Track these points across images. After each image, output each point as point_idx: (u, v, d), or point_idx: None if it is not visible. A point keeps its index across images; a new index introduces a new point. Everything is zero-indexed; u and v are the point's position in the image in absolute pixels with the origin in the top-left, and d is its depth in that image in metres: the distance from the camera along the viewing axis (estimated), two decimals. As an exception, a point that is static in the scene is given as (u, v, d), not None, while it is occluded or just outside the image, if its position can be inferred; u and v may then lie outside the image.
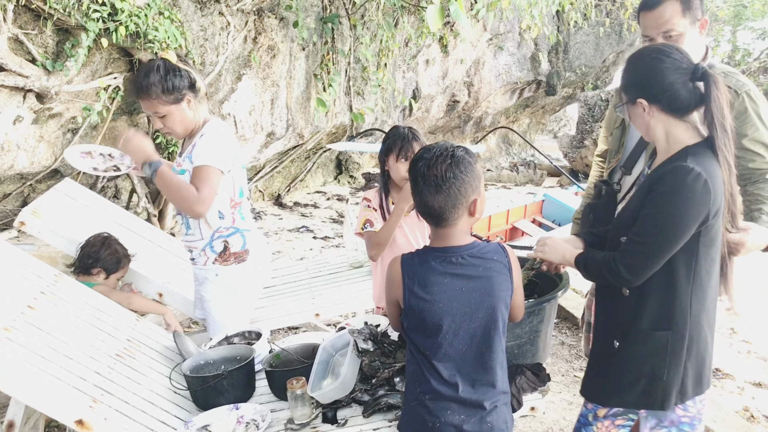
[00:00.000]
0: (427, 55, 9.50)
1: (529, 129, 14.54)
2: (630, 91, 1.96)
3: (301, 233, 7.70)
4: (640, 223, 1.91)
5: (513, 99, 12.38)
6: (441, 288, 1.78)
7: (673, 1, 2.40)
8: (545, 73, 12.23)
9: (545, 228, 7.77)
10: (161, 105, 2.61)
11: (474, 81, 10.87)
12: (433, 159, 1.77)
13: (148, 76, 2.60)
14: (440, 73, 9.97)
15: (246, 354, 2.41)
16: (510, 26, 10.77)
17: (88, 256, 3.11)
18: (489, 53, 10.90)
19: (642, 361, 1.98)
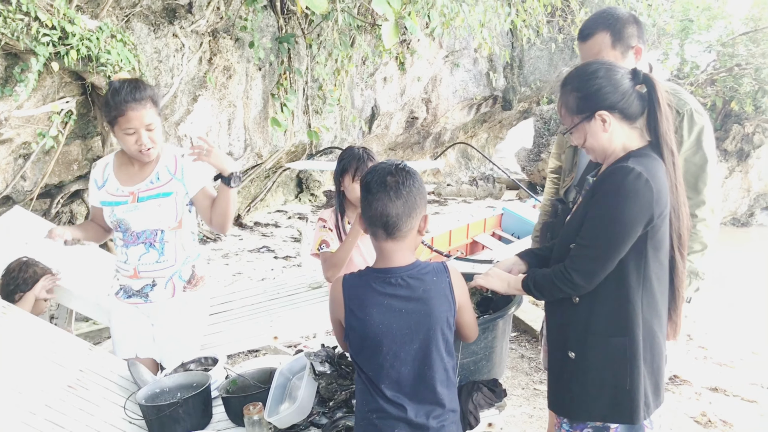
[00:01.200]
0: (384, 73, 9.58)
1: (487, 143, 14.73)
2: (586, 107, 1.95)
3: (262, 253, 7.65)
4: (586, 227, 1.93)
5: (470, 114, 12.54)
6: (380, 309, 1.79)
7: (603, 34, 2.48)
8: (501, 88, 12.43)
9: (505, 241, 7.86)
10: (154, 114, 2.57)
11: (432, 97, 10.99)
12: (389, 168, 1.82)
13: (141, 88, 2.55)
14: (398, 91, 10.05)
15: (202, 381, 2.38)
16: (465, 43, 10.93)
17: (8, 282, 3.06)
18: (445, 70, 11.04)
19: (601, 370, 1.98)
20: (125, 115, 2.51)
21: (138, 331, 2.82)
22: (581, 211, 2.00)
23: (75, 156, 5.47)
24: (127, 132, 2.54)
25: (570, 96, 1.98)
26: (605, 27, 2.48)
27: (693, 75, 12.81)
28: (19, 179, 4.98)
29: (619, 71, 1.96)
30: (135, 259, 2.71)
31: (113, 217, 2.67)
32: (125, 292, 2.78)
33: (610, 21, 2.48)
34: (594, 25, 2.51)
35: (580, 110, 1.96)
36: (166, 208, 2.70)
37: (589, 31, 2.52)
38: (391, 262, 1.83)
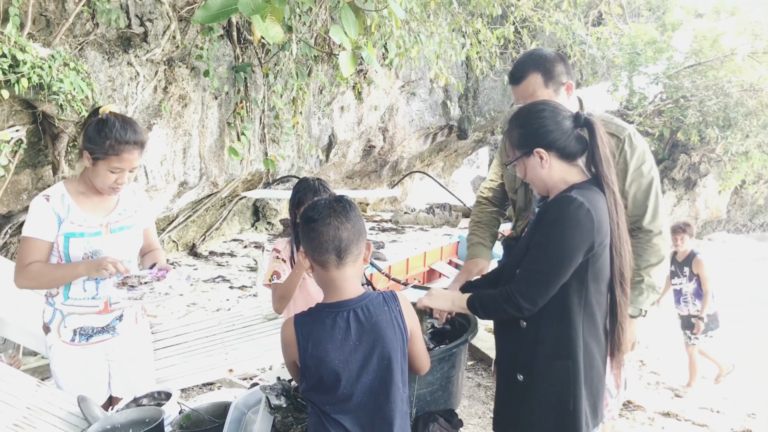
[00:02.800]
0: (341, 102, 9.64)
1: (443, 172, 14.90)
2: (526, 143, 2.07)
3: (217, 283, 7.56)
4: (531, 252, 2.01)
5: (427, 143, 12.69)
6: (335, 345, 1.80)
7: (534, 75, 2.58)
8: (456, 118, 12.63)
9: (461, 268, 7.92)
10: (140, 157, 2.56)
11: (389, 126, 11.10)
12: (331, 199, 1.86)
13: (139, 132, 2.54)
14: (355, 120, 10.12)
15: (155, 416, 2.34)
16: (421, 74, 11.10)
17: None
18: (402, 100, 11.17)
19: (547, 393, 2.06)
20: (119, 156, 2.48)
21: (93, 379, 2.72)
22: (527, 237, 2.08)
23: (24, 185, 5.34)
24: (113, 170, 2.51)
25: (514, 131, 2.09)
26: (535, 68, 2.57)
27: (641, 106, 13.24)
28: (-36, 209, 4.84)
29: (562, 113, 2.07)
30: (107, 293, 2.63)
31: (88, 248, 2.56)
32: (84, 334, 2.66)
33: (539, 62, 2.57)
34: (524, 67, 2.60)
35: (521, 146, 2.07)
36: (135, 239, 2.73)
37: (520, 74, 2.61)
38: (342, 294, 1.84)
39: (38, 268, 2.51)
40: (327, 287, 1.87)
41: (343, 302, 1.83)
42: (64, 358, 2.66)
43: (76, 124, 5.08)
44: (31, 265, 2.50)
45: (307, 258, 1.87)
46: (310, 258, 1.85)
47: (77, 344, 2.65)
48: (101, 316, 2.66)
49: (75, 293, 2.61)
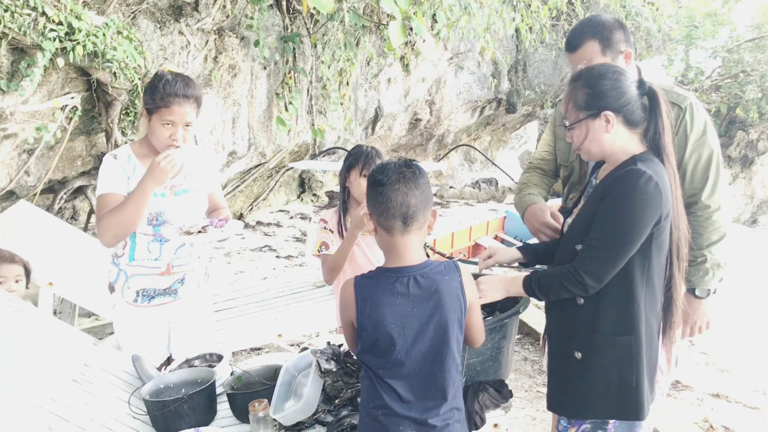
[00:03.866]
0: (388, 74, 9.57)
1: (490, 146, 14.73)
2: (594, 105, 1.98)
3: (264, 252, 7.65)
4: (597, 229, 1.95)
5: (474, 117, 12.54)
6: (393, 309, 1.79)
7: (592, 42, 2.49)
8: (505, 91, 12.43)
9: (507, 244, 7.85)
10: (195, 114, 2.56)
11: (435, 99, 10.98)
12: (401, 163, 1.84)
13: (191, 85, 2.54)
14: (402, 92, 10.05)
15: (207, 377, 2.38)
16: (470, 45, 10.93)
17: None
18: (450, 72, 11.03)
19: (609, 370, 2.02)
20: (170, 108, 2.49)
21: (153, 341, 2.77)
22: (588, 212, 2.02)
23: (79, 152, 5.46)
24: (165, 124, 2.52)
25: (580, 91, 2.01)
26: (593, 35, 2.49)
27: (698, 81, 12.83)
28: (22, 174, 4.96)
29: (628, 78, 2.00)
30: (170, 254, 2.67)
31: (154, 209, 2.59)
32: (146, 295, 2.69)
33: (597, 28, 2.49)
34: (581, 34, 2.52)
35: (588, 107, 1.99)
36: (199, 202, 2.75)
37: (576, 41, 2.53)
38: (404, 260, 1.83)
39: (111, 212, 2.50)
40: (389, 252, 1.86)
41: (404, 268, 1.82)
42: (127, 318, 2.71)
43: (128, 92, 5.16)
44: (105, 214, 2.51)
45: (372, 220, 1.86)
46: (375, 221, 1.84)
47: (139, 305, 2.70)
48: (163, 278, 2.69)
49: (140, 254, 2.65)
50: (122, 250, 2.66)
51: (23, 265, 2.95)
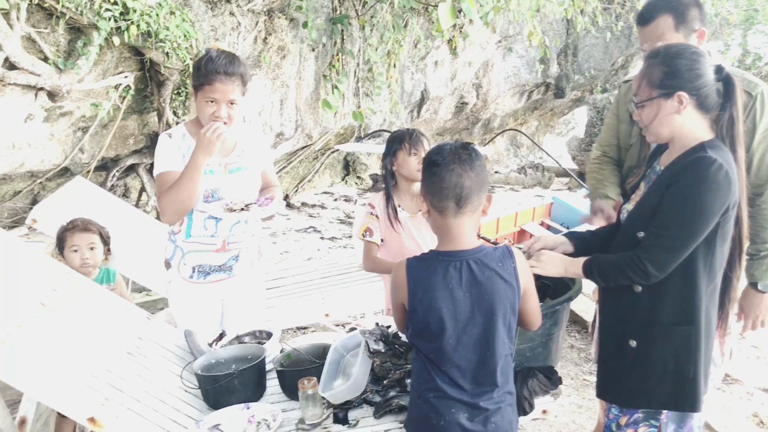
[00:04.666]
0: (435, 57, 9.48)
1: (537, 131, 14.52)
2: (669, 84, 1.92)
3: (309, 233, 7.71)
4: (664, 217, 1.90)
5: (521, 101, 12.36)
6: (445, 293, 1.78)
7: (665, 17, 2.41)
8: (554, 75, 12.21)
9: (554, 231, 7.74)
10: (240, 92, 2.58)
11: (483, 83, 10.86)
12: (458, 144, 1.82)
13: (235, 62, 2.56)
14: (449, 75, 9.96)
15: (257, 353, 2.41)
16: (519, 29, 10.75)
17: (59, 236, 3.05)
18: (498, 55, 10.88)
19: (665, 360, 1.98)
20: (212, 85, 2.51)
21: (207, 316, 2.82)
22: (652, 199, 1.97)
23: (131, 131, 5.56)
24: (209, 101, 2.54)
25: (656, 69, 1.94)
26: (667, 10, 2.41)
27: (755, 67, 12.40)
28: (77, 152, 5.08)
29: (707, 60, 1.93)
30: (226, 231, 2.71)
31: (207, 186, 2.63)
32: (202, 272, 2.74)
33: (672, 3, 2.41)
34: (655, 8, 2.44)
35: (662, 85, 1.92)
36: (252, 180, 2.78)
37: (650, 14, 2.46)
38: (457, 243, 1.81)
39: (168, 189, 2.55)
40: (442, 234, 1.84)
41: (457, 252, 1.80)
42: (182, 293, 2.77)
43: (180, 72, 5.22)
44: (165, 191, 2.56)
45: (426, 202, 1.84)
46: (429, 202, 1.83)
47: (195, 281, 2.74)
48: (218, 255, 2.73)
49: (196, 231, 2.69)
50: (179, 227, 2.70)
51: (98, 232, 3.00)
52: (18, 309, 2.14)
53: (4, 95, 4.20)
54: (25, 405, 2.39)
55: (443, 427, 1.80)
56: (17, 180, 5.08)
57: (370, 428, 2.07)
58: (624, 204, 2.22)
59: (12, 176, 4.88)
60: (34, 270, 2.45)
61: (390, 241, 2.86)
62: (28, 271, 2.42)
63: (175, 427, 2.09)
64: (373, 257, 2.84)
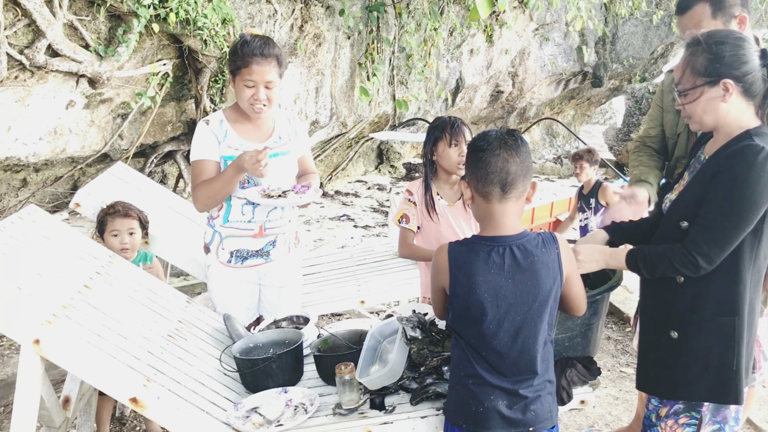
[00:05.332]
0: (471, 45, 9.41)
1: (573, 121, 14.33)
2: (714, 71, 1.87)
3: (342, 222, 7.73)
4: (712, 208, 1.86)
5: (558, 90, 12.20)
6: (487, 278, 1.77)
7: (702, 5, 2.37)
8: (591, 64, 12.03)
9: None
10: (277, 74, 2.60)
11: (519, 71, 10.75)
12: (503, 130, 1.81)
13: (270, 44, 2.59)
14: (484, 63, 9.87)
15: (295, 338, 2.42)
16: (556, 16, 10.61)
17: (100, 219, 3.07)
18: (534, 43, 10.76)
19: (708, 351, 1.94)
20: (249, 67, 2.54)
21: (245, 301, 2.86)
22: (697, 188, 1.92)
23: (169, 117, 5.63)
24: (247, 84, 2.57)
25: (699, 57, 1.89)
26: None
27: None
28: (116, 138, 5.16)
29: (752, 46, 1.88)
30: (263, 216, 2.73)
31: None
32: (240, 256, 2.77)
33: None
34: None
35: (706, 73, 1.88)
36: (290, 166, 2.80)
37: (687, 3, 2.43)
38: (501, 229, 1.80)
39: (203, 183, 2.62)
40: (485, 220, 1.83)
41: (500, 237, 1.79)
42: (220, 277, 2.79)
43: (217, 60, 5.26)
44: (200, 184, 2.63)
45: (470, 188, 1.83)
46: (473, 188, 1.82)
47: (233, 266, 2.77)
48: (256, 240, 2.75)
49: (234, 216, 2.72)
50: (217, 212, 2.73)
51: (137, 217, 3.04)
52: (63, 290, 2.19)
53: (47, 82, 4.28)
54: (69, 384, 2.44)
55: (482, 414, 1.80)
56: (58, 165, 5.18)
57: (406, 414, 2.07)
58: (667, 194, 2.18)
59: (54, 162, 4.98)
60: (77, 252, 2.50)
61: (427, 229, 2.85)
62: (72, 253, 2.47)
63: (215, 409, 2.11)
64: (409, 244, 2.83)
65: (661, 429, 2.05)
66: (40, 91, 4.29)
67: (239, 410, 2.12)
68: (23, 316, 1.93)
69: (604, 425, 3.28)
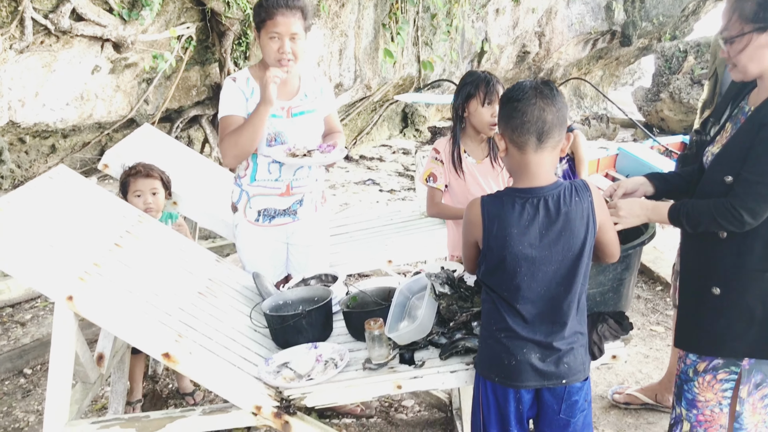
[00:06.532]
0: (497, 4, 9.22)
1: (602, 81, 14.05)
2: (764, 17, 1.79)
3: (368, 186, 7.71)
4: (758, 162, 1.80)
5: (586, 50, 11.94)
6: (520, 230, 1.75)
7: None
8: (620, 23, 11.72)
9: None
10: (302, 26, 2.57)
11: (545, 31, 10.52)
12: (537, 81, 1.78)
13: None
14: (510, 23, 9.68)
15: (324, 295, 2.43)
16: (584, -27, 10.34)
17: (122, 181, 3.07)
18: (562, 2, 10.51)
19: (752, 306, 1.90)
20: (273, 19, 2.52)
21: (273, 259, 2.87)
22: (742, 142, 1.86)
23: (194, 82, 5.62)
24: (272, 37, 2.55)
25: (748, 2, 1.81)
26: None
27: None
28: (142, 103, 5.17)
29: None
30: (290, 175, 2.73)
31: (271, 129, 2.65)
32: (267, 215, 2.78)
33: None
34: None
35: (755, 19, 1.80)
36: (315, 124, 2.78)
37: None
38: (535, 180, 1.77)
39: (230, 133, 2.60)
40: (519, 171, 1.80)
41: (535, 189, 1.77)
42: (248, 236, 2.81)
43: (240, 22, 5.22)
44: (226, 136, 2.62)
45: (504, 139, 1.80)
46: (508, 139, 1.79)
47: (260, 225, 2.78)
48: (283, 199, 2.76)
49: (261, 175, 2.72)
50: (244, 171, 2.73)
51: (159, 177, 3.03)
52: (94, 248, 2.21)
53: (72, 47, 4.29)
54: (102, 342, 2.49)
55: (515, 367, 1.79)
56: (86, 131, 5.22)
57: (435, 369, 2.07)
58: (708, 146, 2.12)
59: (81, 127, 5.01)
60: (107, 212, 2.52)
61: (455, 187, 2.81)
62: (101, 213, 2.48)
63: (246, 365, 2.13)
64: (437, 203, 2.80)
65: (698, 384, 2.03)
66: (65, 56, 4.31)
67: (270, 365, 2.14)
68: (56, 273, 1.95)
69: (634, 383, 3.26)
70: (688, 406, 2.06)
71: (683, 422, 2.08)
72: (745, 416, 1.99)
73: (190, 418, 2.01)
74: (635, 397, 3.03)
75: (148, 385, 3.30)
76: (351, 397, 2.13)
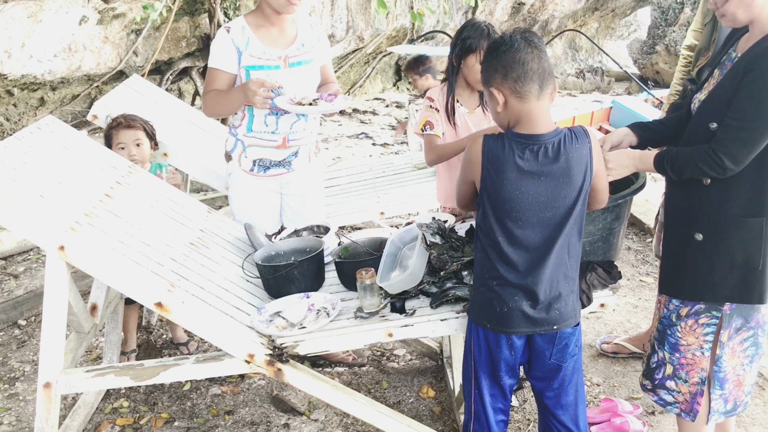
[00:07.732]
0: (492, -47, 9.05)
1: (597, 34, 13.88)
2: None
3: (360, 139, 7.67)
4: (741, 107, 1.80)
5: (581, 1, 11.77)
6: (518, 175, 1.77)
7: None
8: (617, -28, 11.54)
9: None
10: None
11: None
12: (524, 32, 1.80)
13: None
14: (505, -27, 9.51)
15: (315, 246, 2.44)
16: None
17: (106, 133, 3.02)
18: (558, -49, 10.31)
19: (734, 251, 1.93)
20: None
21: (265, 209, 2.87)
22: (727, 88, 1.86)
23: (183, 33, 5.53)
24: None
25: None
26: None
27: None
28: (131, 55, 5.09)
29: None
30: (286, 128, 2.72)
31: (271, 81, 2.60)
32: (262, 165, 2.78)
33: None
34: None
35: None
36: (312, 75, 2.77)
37: None
38: (537, 127, 1.78)
39: (212, 95, 2.64)
40: (521, 120, 1.80)
41: (536, 135, 1.79)
42: (242, 185, 2.81)
43: (232, -30, 5.11)
44: (209, 92, 2.63)
45: (502, 91, 1.78)
46: (508, 89, 1.77)
47: (255, 174, 2.79)
48: (279, 151, 2.76)
49: (257, 126, 2.71)
50: (240, 121, 2.71)
51: (142, 127, 2.96)
52: (85, 199, 2.20)
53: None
54: (95, 292, 2.50)
55: (506, 314, 1.83)
56: (75, 84, 5.14)
57: (426, 317, 2.10)
58: (695, 94, 2.11)
59: (70, 80, 4.94)
60: (97, 162, 2.50)
61: (448, 137, 2.79)
62: (91, 163, 2.47)
63: (238, 314, 2.15)
64: (435, 147, 2.75)
65: (680, 329, 2.06)
66: (51, 6, 4.22)
67: (262, 314, 2.17)
68: (47, 223, 1.95)
69: (622, 332, 3.32)
70: (671, 350, 2.10)
71: (666, 365, 2.13)
72: (725, 359, 2.03)
73: (183, 366, 2.04)
74: (623, 347, 3.09)
75: (142, 335, 3.33)
76: (343, 345, 2.16)
